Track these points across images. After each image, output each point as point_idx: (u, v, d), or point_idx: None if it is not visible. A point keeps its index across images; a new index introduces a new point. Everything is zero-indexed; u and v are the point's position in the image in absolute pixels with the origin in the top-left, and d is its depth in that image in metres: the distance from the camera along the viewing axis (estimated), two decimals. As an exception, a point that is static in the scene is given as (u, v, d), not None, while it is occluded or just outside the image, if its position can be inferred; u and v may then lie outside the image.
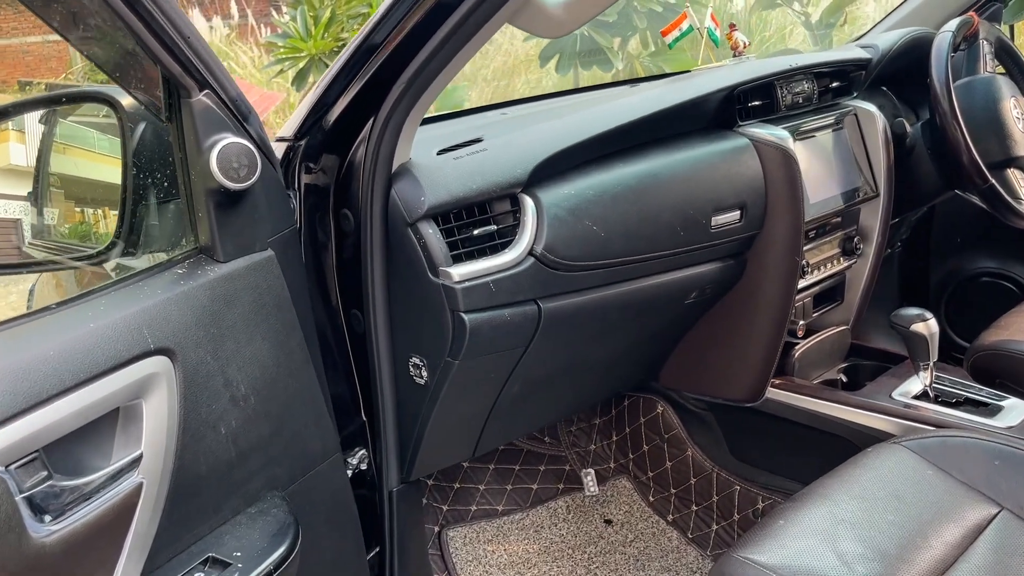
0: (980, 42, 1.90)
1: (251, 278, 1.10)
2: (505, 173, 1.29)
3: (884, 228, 1.83)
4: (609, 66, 5.44)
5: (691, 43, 6.58)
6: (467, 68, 8.79)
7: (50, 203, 1.32)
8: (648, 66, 5.55)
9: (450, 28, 1.13)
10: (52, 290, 1.45)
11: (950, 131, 1.71)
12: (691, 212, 1.45)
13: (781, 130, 1.58)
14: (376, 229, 1.29)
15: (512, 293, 1.29)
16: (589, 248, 1.35)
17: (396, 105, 1.22)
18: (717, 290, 1.63)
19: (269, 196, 1.16)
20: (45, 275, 1.50)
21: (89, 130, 1.28)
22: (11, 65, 7.32)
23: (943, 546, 1.23)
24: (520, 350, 1.37)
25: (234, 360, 1.06)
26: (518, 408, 1.54)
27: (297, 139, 1.32)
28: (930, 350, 1.59)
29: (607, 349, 1.59)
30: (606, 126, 1.40)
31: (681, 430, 1.92)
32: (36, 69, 7.80)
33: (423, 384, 1.37)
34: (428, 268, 1.26)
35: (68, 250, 1.29)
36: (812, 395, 1.69)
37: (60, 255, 1.34)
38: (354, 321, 1.40)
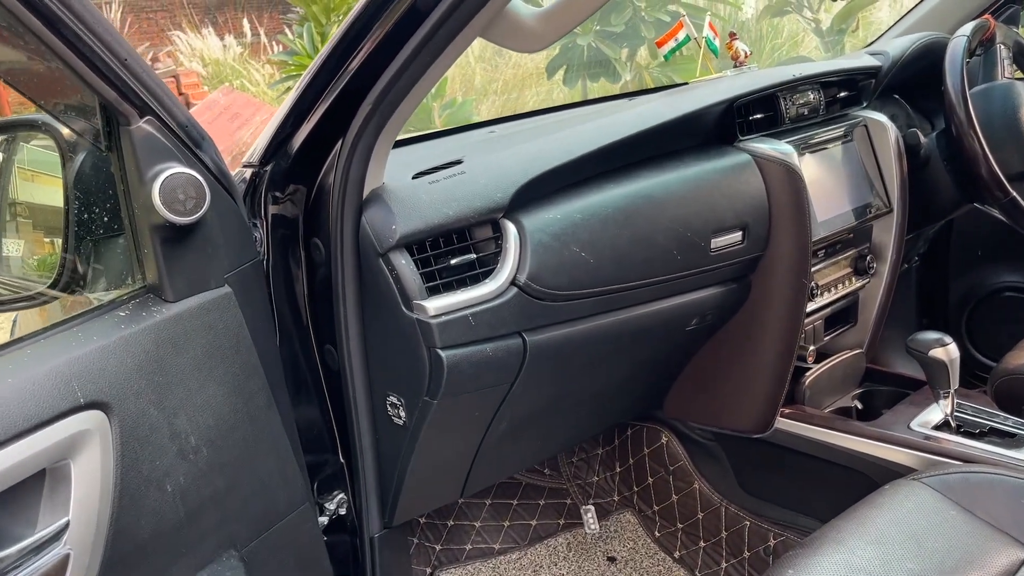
0: (997, 46, 1.79)
1: (204, 318, 1.02)
2: (484, 197, 1.20)
3: (899, 245, 1.72)
4: (617, 77, 5.37)
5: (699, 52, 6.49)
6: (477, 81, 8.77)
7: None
8: (657, 77, 5.47)
9: (418, 43, 1.04)
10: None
11: (967, 141, 1.60)
12: (688, 234, 1.36)
13: (785, 144, 1.48)
14: (347, 260, 1.20)
15: (494, 326, 1.20)
16: (577, 276, 1.25)
17: (364, 126, 1.13)
18: (720, 316, 1.53)
19: (226, 228, 1.08)
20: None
21: (34, 156, 1.21)
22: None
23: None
24: (505, 387, 1.28)
25: (183, 409, 0.97)
26: (507, 446, 1.45)
27: (262, 165, 1.24)
28: (950, 377, 1.47)
29: (601, 381, 1.50)
30: (594, 145, 1.31)
31: (687, 462, 1.81)
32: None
33: (402, 424, 1.27)
34: (401, 301, 1.17)
35: (6, 288, 1.21)
36: (824, 425, 1.59)
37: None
38: (328, 357, 1.31)
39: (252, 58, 9.44)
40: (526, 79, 7.78)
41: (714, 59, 1.69)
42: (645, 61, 5.72)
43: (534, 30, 1.06)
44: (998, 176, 1.59)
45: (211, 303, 1.03)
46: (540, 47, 1.08)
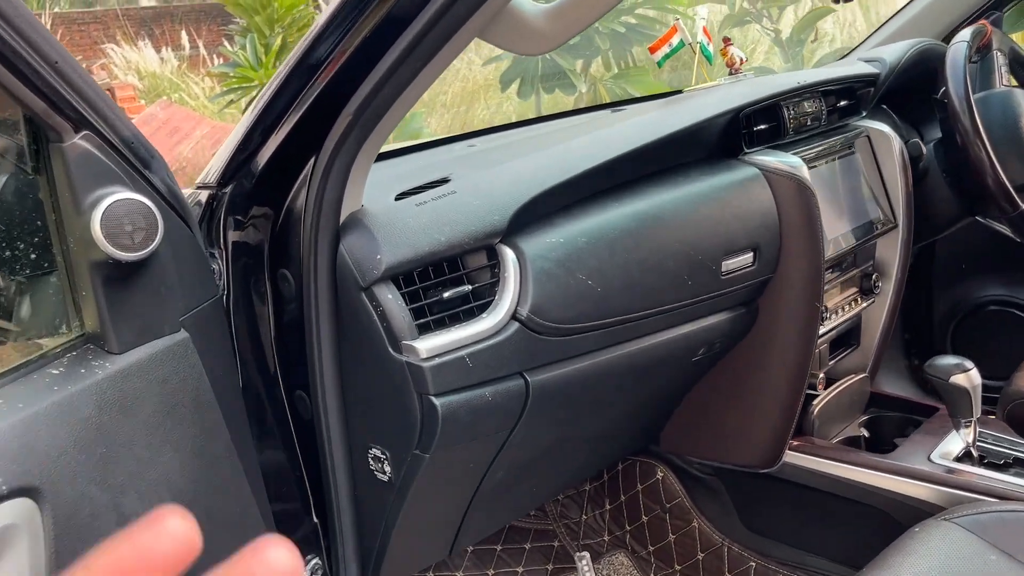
0: (994, 53, 1.71)
1: (157, 371, 0.85)
2: (480, 220, 1.05)
3: (904, 263, 1.63)
4: (572, 90, 5.26)
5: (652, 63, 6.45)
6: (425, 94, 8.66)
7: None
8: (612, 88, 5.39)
9: (406, 46, 0.89)
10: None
11: (973, 151, 1.51)
12: (699, 257, 1.23)
13: (793, 157, 1.37)
14: (323, 294, 1.04)
15: (493, 367, 1.05)
16: (584, 306, 1.11)
17: (342, 142, 0.98)
18: (727, 343, 1.41)
19: (182, 262, 0.91)
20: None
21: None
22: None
23: (1023, 655, 1.01)
24: (505, 433, 1.13)
25: (132, 486, 0.80)
26: (501, 496, 1.30)
27: (221, 186, 1.07)
28: (973, 405, 1.37)
29: (604, 419, 1.36)
30: (597, 159, 1.17)
31: (685, 498, 1.68)
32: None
33: (387, 480, 1.12)
34: (388, 342, 1.01)
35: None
36: (837, 459, 1.47)
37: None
38: (299, 404, 1.15)
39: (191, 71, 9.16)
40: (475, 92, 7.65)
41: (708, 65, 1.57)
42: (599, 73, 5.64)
43: (541, 30, 0.92)
44: (1007, 188, 1.51)
45: (164, 353, 0.86)
46: (547, 49, 0.94)
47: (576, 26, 0.92)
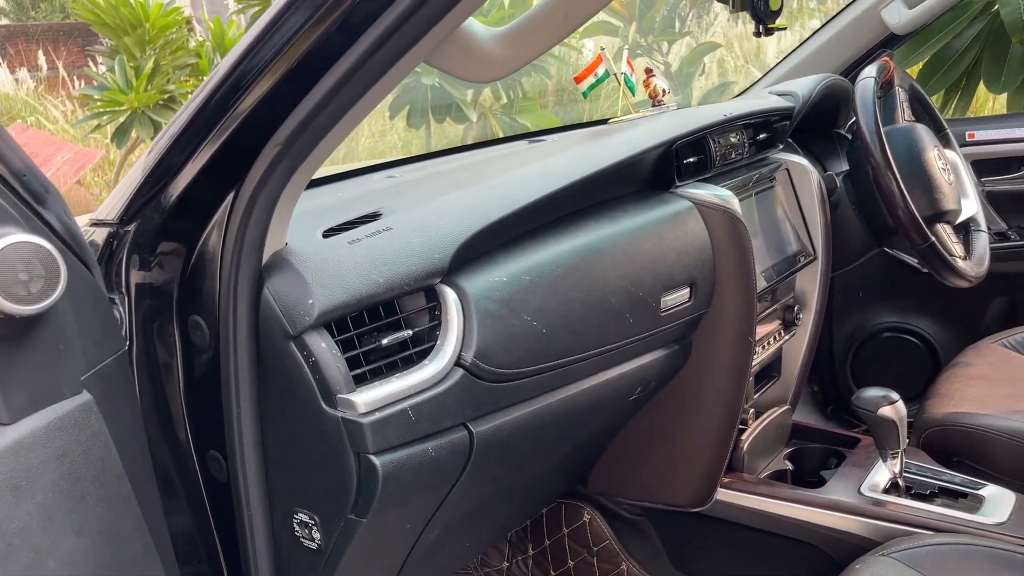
0: (896, 89, 1.77)
1: (56, 442, 0.72)
2: (420, 259, 0.97)
3: (823, 294, 1.64)
4: (463, 119, 5.22)
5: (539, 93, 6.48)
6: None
7: None
8: (501, 119, 5.39)
9: (348, 68, 0.80)
10: None
11: (884, 184, 1.54)
12: (640, 293, 1.18)
13: (724, 190, 1.35)
14: (242, 344, 0.93)
15: (437, 419, 0.96)
16: (529, 349, 1.04)
17: (269, 173, 0.88)
18: (661, 381, 1.37)
19: (82, 312, 0.78)
20: None
21: None
22: None
23: None
24: (445, 490, 1.04)
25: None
26: (435, 555, 1.20)
27: (123, 223, 0.95)
28: (900, 436, 1.38)
29: (540, 466, 1.29)
30: (538, 193, 1.11)
31: (613, 541, 1.62)
32: None
33: (315, 548, 1.00)
34: (321, 396, 0.91)
35: None
36: (768, 495, 1.45)
37: None
38: (212, 466, 1.02)
39: (49, 93, 8.63)
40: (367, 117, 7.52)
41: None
42: (488, 102, 5.63)
43: (493, 56, 0.85)
44: (917, 220, 1.54)
45: (64, 420, 0.73)
46: (499, 76, 0.87)
47: (531, 53, 0.85)
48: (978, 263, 1.74)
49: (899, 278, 2.20)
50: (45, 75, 9.19)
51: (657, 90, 1.55)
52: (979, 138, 2.20)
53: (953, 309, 2.31)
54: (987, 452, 1.50)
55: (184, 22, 5.63)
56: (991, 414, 1.54)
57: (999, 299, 2.29)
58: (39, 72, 9.27)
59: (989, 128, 2.20)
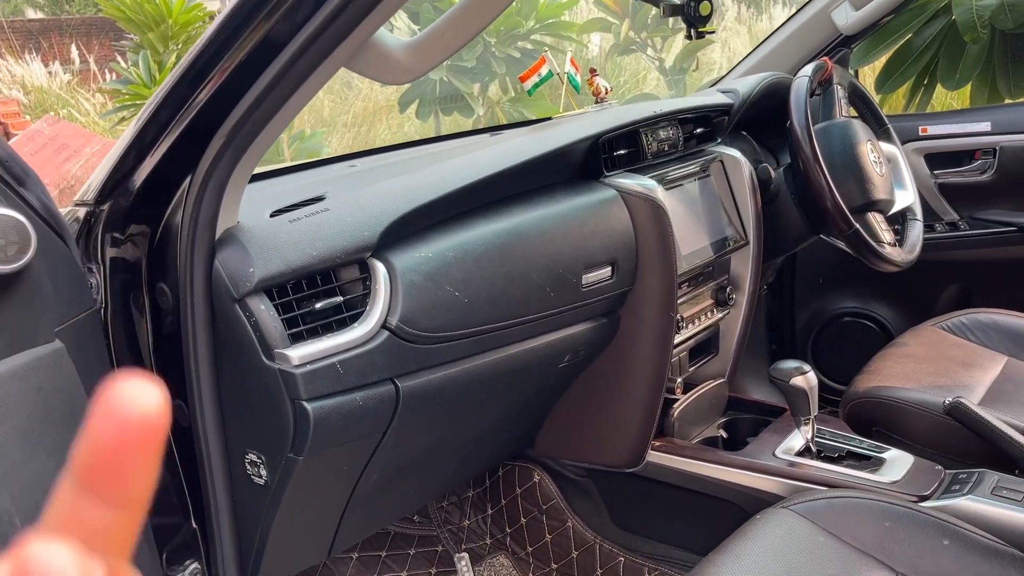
0: (834, 87, 1.89)
1: (31, 379, 0.89)
2: (351, 236, 1.13)
3: (756, 276, 1.78)
4: (470, 112, 5.38)
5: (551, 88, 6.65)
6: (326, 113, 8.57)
7: None
8: (508, 111, 5.53)
9: (277, 72, 0.96)
10: None
11: (813, 176, 1.68)
12: (560, 271, 1.33)
13: (649, 180, 1.50)
14: (198, 307, 1.10)
15: (364, 374, 1.12)
16: (451, 316, 1.20)
17: (217, 161, 1.04)
18: (591, 351, 1.52)
19: (56, 274, 0.95)
20: None
21: None
22: None
23: (842, 621, 1.14)
24: (377, 437, 1.20)
25: (5, 487, 0.84)
26: (378, 499, 1.36)
27: (98, 203, 1.12)
28: (810, 404, 1.52)
29: (476, 425, 1.44)
30: (464, 180, 1.26)
31: (560, 500, 1.78)
32: None
33: (263, 484, 1.17)
34: (261, 350, 1.07)
35: None
36: (694, 456, 1.60)
37: None
38: (178, 414, 1.19)
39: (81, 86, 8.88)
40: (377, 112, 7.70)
41: (576, 94, 1.69)
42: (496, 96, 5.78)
43: (401, 62, 1.01)
44: (843, 209, 1.67)
45: (39, 362, 0.90)
46: (409, 79, 1.03)
47: (433, 60, 1.01)
48: (909, 250, 1.87)
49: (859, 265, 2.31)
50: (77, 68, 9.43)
51: (600, 88, 1.69)
52: (932, 132, 2.32)
53: (908, 295, 2.43)
54: (901, 422, 1.63)
55: (206, 18, 5.82)
56: (910, 387, 1.67)
57: (952, 286, 2.40)
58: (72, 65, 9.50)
59: (942, 123, 2.32)
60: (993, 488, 1.38)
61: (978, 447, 1.53)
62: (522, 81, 1.62)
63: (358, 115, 7.71)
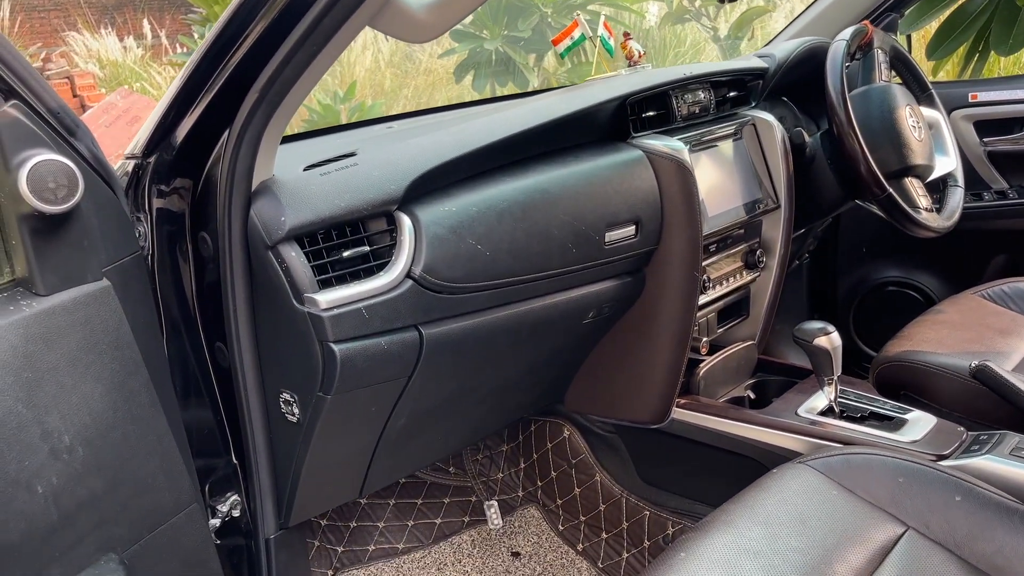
0: (875, 51, 1.88)
1: (80, 313, 0.98)
2: (378, 189, 1.19)
3: (787, 240, 1.79)
4: (525, 82, 5.40)
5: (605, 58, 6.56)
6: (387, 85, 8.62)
7: None
8: (563, 82, 5.53)
9: (303, 31, 1.02)
10: None
11: (847, 141, 1.68)
12: (583, 228, 1.38)
13: (676, 141, 1.52)
14: (236, 254, 1.17)
15: (389, 319, 1.19)
16: (473, 268, 1.25)
17: (251, 117, 1.11)
18: (616, 308, 1.56)
19: (104, 219, 1.04)
20: None
21: None
22: None
23: (849, 570, 1.17)
24: (402, 380, 1.27)
25: (56, 407, 0.93)
26: (407, 442, 1.44)
27: (145, 156, 1.20)
28: (834, 364, 1.54)
29: (502, 375, 1.50)
30: (489, 139, 1.31)
31: (588, 455, 1.84)
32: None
33: (296, 421, 1.25)
34: (292, 295, 1.15)
35: None
36: (718, 414, 1.63)
37: None
38: (218, 354, 1.28)
39: (153, 60, 9.13)
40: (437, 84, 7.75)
41: (610, 58, 1.72)
42: (552, 67, 5.78)
43: (423, 21, 1.06)
44: (876, 174, 1.67)
45: (87, 297, 0.99)
46: (429, 37, 1.08)
47: (453, 19, 1.06)
48: (947, 217, 1.85)
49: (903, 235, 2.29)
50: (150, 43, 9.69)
51: (633, 52, 1.71)
52: (982, 99, 2.27)
53: (954, 265, 2.40)
54: (928, 385, 1.64)
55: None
56: (940, 352, 1.67)
57: (999, 256, 2.36)
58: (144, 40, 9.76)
59: (992, 89, 2.27)
60: (1012, 449, 1.38)
61: (1004, 411, 1.53)
62: (554, 44, 1.65)
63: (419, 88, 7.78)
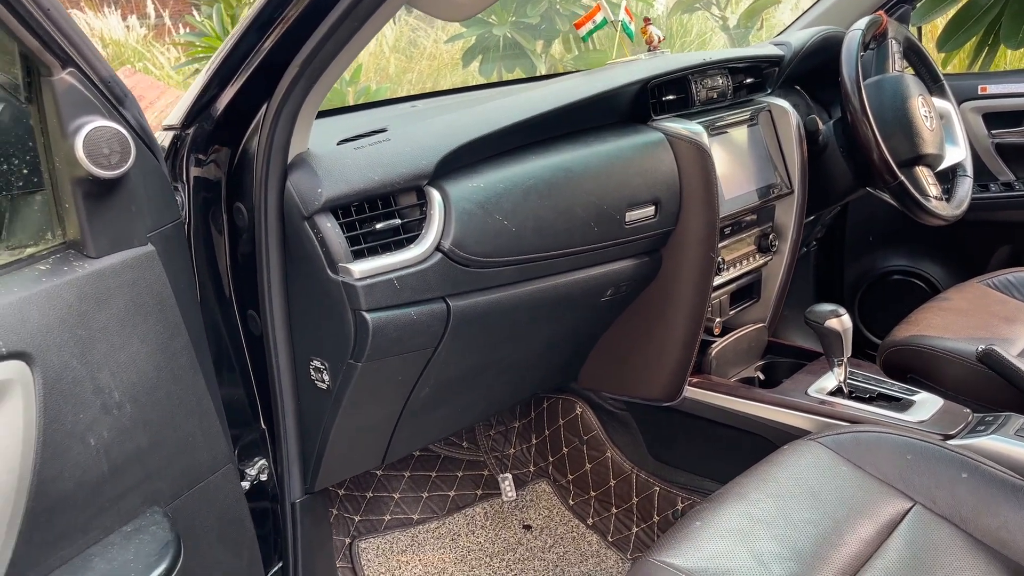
0: (889, 41, 1.91)
1: (127, 275, 1.01)
2: (410, 164, 1.23)
3: (799, 225, 1.83)
4: (532, 68, 5.42)
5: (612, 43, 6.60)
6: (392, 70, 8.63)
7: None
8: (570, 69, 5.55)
9: (346, 7, 1.06)
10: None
11: (860, 128, 1.71)
12: (605, 207, 1.41)
13: (696, 125, 1.56)
14: (271, 224, 1.21)
15: (418, 291, 1.23)
16: (499, 243, 1.29)
17: (290, 91, 1.14)
18: (633, 287, 1.60)
19: (149, 187, 1.07)
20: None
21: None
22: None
23: (858, 543, 1.21)
24: (429, 351, 1.31)
25: (107, 365, 0.96)
26: (429, 412, 1.48)
27: (184, 127, 1.23)
28: (844, 346, 1.58)
29: (522, 349, 1.54)
30: (517, 117, 1.35)
31: (600, 431, 1.88)
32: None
33: (325, 388, 1.29)
34: (327, 264, 1.18)
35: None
36: (729, 393, 1.67)
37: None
38: (251, 322, 1.32)
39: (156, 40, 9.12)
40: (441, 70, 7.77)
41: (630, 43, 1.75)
42: (560, 54, 5.80)
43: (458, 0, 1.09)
44: (888, 161, 1.71)
45: (134, 260, 1.03)
46: (464, 16, 1.11)
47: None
48: (956, 205, 1.89)
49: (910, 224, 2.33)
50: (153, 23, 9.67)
51: (653, 36, 1.75)
52: (991, 91, 2.31)
53: (959, 255, 2.44)
54: (935, 369, 1.68)
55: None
56: (946, 337, 1.71)
57: (1004, 247, 2.40)
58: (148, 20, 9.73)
59: (1001, 82, 2.30)
60: (1018, 429, 1.43)
61: (1009, 394, 1.57)
62: (577, 28, 1.69)
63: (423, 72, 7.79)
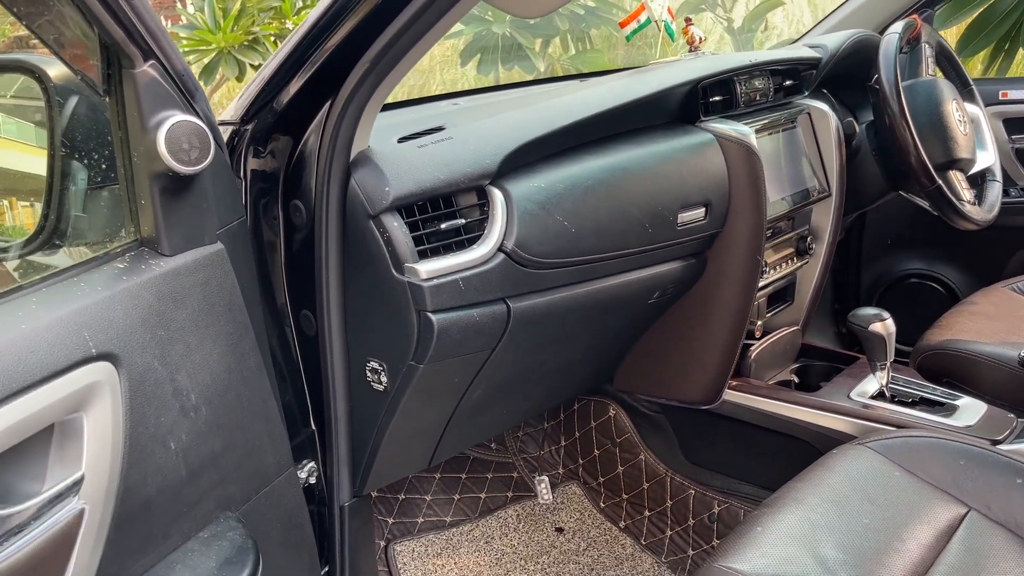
0: (922, 45, 1.92)
1: (200, 274, 0.99)
2: (474, 163, 1.20)
3: (836, 228, 1.83)
4: (530, 67, 5.40)
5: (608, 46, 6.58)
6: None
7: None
8: (568, 68, 5.54)
9: (422, 3, 1.03)
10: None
11: (899, 132, 1.71)
12: (659, 208, 1.40)
13: (744, 126, 1.55)
14: (332, 222, 1.18)
15: (481, 292, 1.21)
16: (560, 244, 1.27)
17: (358, 87, 1.12)
18: (678, 289, 1.59)
19: (218, 183, 1.04)
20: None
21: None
22: None
23: (919, 548, 1.21)
24: (487, 352, 1.29)
25: (183, 366, 0.94)
26: (477, 415, 1.46)
27: (243, 123, 1.20)
28: (888, 350, 1.58)
29: (569, 351, 1.53)
30: (575, 116, 1.33)
31: (634, 434, 1.87)
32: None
33: (382, 390, 1.26)
34: (392, 264, 1.16)
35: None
36: (769, 396, 1.67)
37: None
38: (304, 323, 1.29)
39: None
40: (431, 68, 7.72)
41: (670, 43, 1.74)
42: (557, 53, 5.79)
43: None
44: (927, 165, 1.71)
45: (205, 259, 1.00)
46: (542, 12, 1.09)
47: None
48: (988, 210, 1.90)
49: (927, 228, 2.34)
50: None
51: (694, 37, 1.74)
52: (1012, 97, 2.32)
53: (977, 259, 2.45)
54: (973, 374, 1.68)
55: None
56: (982, 342, 1.72)
57: (1021, 251, 2.42)
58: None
59: (1022, 88, 2.32)
60: (1066, 434, 1.43)
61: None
62: (622, 27, 1.67)
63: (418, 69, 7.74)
